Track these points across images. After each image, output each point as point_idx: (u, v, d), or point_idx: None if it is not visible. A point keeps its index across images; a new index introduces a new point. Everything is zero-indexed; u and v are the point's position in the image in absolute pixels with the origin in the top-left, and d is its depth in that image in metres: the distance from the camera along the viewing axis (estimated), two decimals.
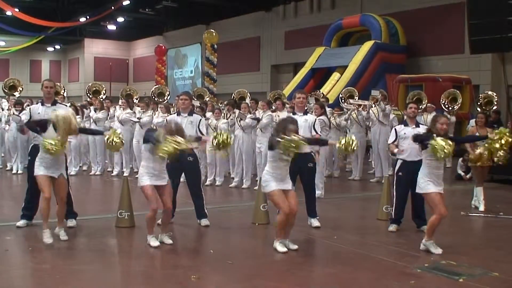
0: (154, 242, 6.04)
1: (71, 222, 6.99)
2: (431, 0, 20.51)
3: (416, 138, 6.09)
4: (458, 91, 14.45)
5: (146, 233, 6.53)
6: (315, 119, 7.34)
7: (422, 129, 6.99)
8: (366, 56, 19.91)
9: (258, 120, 10.36)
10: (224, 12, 29.93)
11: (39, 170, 6.10)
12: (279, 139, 5.70)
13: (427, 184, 5.93)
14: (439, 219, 5.93)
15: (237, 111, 10.90)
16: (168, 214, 6.30)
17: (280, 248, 5.89)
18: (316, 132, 7.22)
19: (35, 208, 6.90)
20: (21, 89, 13.48)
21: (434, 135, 5.85)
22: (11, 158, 12.65)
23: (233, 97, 15.26)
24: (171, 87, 32.35)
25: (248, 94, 15.29)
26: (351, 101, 12.97)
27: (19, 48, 36.10)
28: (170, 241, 6.17)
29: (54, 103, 6.94)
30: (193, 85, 31.34)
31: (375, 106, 11.68)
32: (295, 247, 5.97)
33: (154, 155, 5.89)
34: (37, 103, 7.28)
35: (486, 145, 6.38)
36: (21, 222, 6.85)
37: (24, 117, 6.99)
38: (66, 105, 7.68)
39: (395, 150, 6.99)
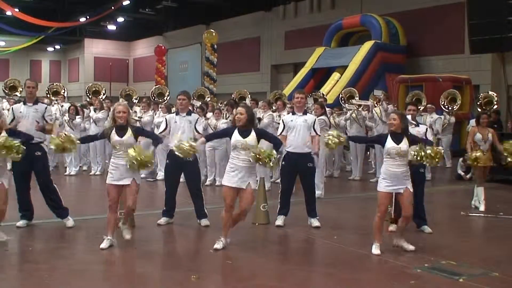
0: (102, 244, 5.92)
1: (68, 223, 7.00)
2: (431, 0, 20.52)
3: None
4: (457, 91, 14.44)
5: (146, 233, 6.57)
6: (315, 119, 7.33)
7: (422, 128, 6.97)
8: (366, 56, 19.91)
9: (259, 120, 10.37)
10: (224, 12, 29.95)
11: None
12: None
13: (380, 181, 5.96)
14: (376, 218, 5.95)
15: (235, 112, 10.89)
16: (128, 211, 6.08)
17: (216, 245, 5.94)
18: (316, 133, 7.22)
19: (32, 207, 6.98)
20: (21, 89, 13.48)
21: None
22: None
23: (233, 97, 15.26)
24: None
25: (248, 94, 15.28)
26: (353, 101, 12.96)
27: (19, 48, 36.14)
28: (128, 237, 6.07)
29: (36, 102, 7.05)
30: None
31: (377, 106, 11.69)
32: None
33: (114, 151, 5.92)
34: (19, 103, 7.35)
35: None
36: (21, 222, 6.87)
37: (9, 118, 7.02)
38: (47, 105, 7.72)
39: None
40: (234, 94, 15.65)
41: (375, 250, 5.87)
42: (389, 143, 5.80)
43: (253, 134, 5.85)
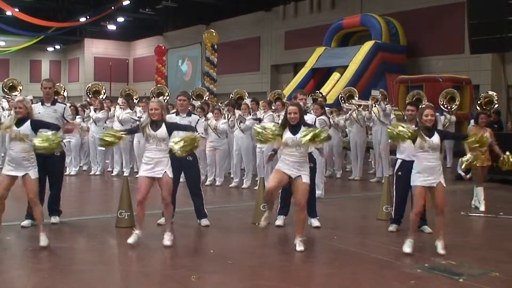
0: (130, 239, 6.06)
1: (54, 219, 7.08)
2: (431, 0, 20.52)
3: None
4: (456, 91, 14.45)
5: (146, 233, 6.57)
6: (315, 119, 7.33)
7: None
8: (367, 56, 19.92)
9: (260, 120, 10.36)
10: (224, 12, 29.94)
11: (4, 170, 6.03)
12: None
13: (414, 177, 5.97)
14: (413, 215, 6.00)
15: (237, 113, 10.90)
16: (165, 208, 6.22)
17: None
18: None
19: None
20: (21, 88, 13.49)
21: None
22: None
23: (232, 97, 15.25)
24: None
25: (246, 94, 15.28)
26: (353, 101, 12.97)
27: (19, 48, 36.14)
28: (168, 243, 6.04)
29: (53, 102, 7.09)
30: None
31: (375, 106, 11.68)
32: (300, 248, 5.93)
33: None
34: (37, 103, 7.34)
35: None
36: (26, 222, 6.86)
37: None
38: (66, 104, 7.73)
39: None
40: (232, 94, 15.64)
41: (407, 248, 5.91)
42: (423, 138, 5.90)
43: None
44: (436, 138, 5.88)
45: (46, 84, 7.03)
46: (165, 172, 6.04)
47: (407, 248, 5.92)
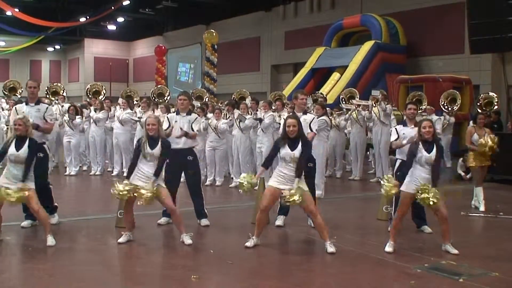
0: (120, 239, 6.24)
1: (53, 219, 7.05)
2: (431, 0, 20.50)
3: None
4: (457, 92, 14.43)
5: (146, 233, 6.59)
6: (313, 118, 7.33)
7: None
8: (366, 56, 19.89)
9: (261, 120, 10.36)
10: (224, 12, 29.94)
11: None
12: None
13: (406, 181, 5.97)
14: (397, 220, 6.03)
15: (236, 113, 10.89)
16: (173, 215, 6.36)
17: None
18: (311, 130, 7.19)
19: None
20: (21, 91, 13.47)
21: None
22: None
23: (234, 97, 15.25)
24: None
25: (249, 94, 15.27)
26: (353, 101, 12.96)
27: (19, 48, 36.12)
28: (189, 241, 6.17)
29: (37, 102, 7.13)
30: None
31: (375, 106, 11.67)
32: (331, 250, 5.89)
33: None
34: (21, 103, 7.39)
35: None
36: (26, 223, 6.87)
37: (11, 117, 7.11)
38: (49, 105, 7.84)
39: (404, 142, 6.80)
40: (234, 94, 15.65)
41: (388, 248, 5.96)
42: (420, 151, 5.86)
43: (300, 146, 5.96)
44: (434, 154, 5.84)
45: (31, 84, 7.12)
46: (158, 184, 6.12)
47: (388, 248, 5.97)
